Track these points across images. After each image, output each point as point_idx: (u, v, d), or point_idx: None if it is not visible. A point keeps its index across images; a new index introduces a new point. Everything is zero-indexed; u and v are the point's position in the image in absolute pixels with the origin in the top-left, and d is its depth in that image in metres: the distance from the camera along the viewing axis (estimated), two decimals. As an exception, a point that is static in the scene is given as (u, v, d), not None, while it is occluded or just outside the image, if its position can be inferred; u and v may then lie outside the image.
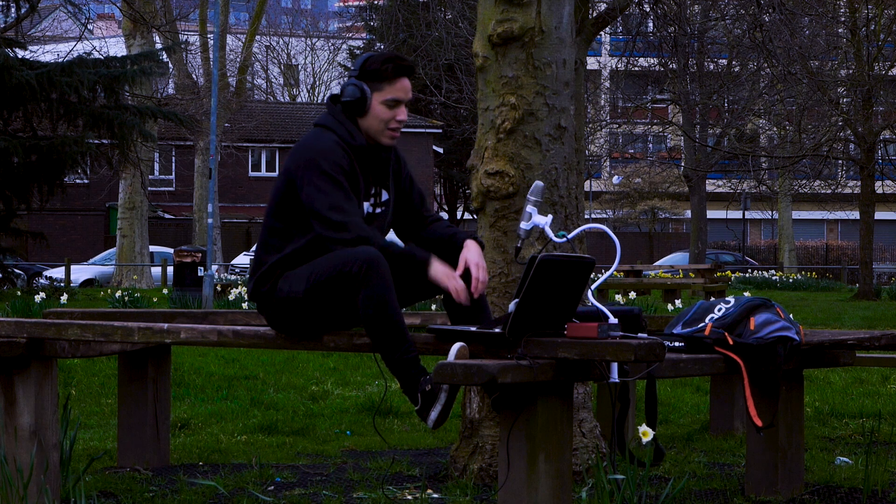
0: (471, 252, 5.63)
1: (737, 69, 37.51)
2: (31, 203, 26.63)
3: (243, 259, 46.07)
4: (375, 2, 56.30)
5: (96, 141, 27.00)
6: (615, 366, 5.40)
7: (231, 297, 22.27)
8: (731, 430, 8.72)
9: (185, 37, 41.92)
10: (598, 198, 64.97)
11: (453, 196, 63.54)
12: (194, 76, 43.70)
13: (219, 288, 25.36)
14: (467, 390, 7.00)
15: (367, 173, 5.72)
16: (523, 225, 5.79)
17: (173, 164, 55.20)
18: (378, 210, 5.76)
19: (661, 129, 45.09)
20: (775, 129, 42.52)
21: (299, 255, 5.64)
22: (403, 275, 5.56)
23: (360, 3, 62.29)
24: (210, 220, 27.23)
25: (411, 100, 5.75)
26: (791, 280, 41.96)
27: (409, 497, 6.53)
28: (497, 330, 5.37)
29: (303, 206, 5.56)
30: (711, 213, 50.15)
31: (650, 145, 61.15)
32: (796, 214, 57.06)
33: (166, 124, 33.21)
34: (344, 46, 62.56)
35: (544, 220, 5.78)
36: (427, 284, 5.72)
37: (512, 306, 5.28)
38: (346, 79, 6.22)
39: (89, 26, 33.23)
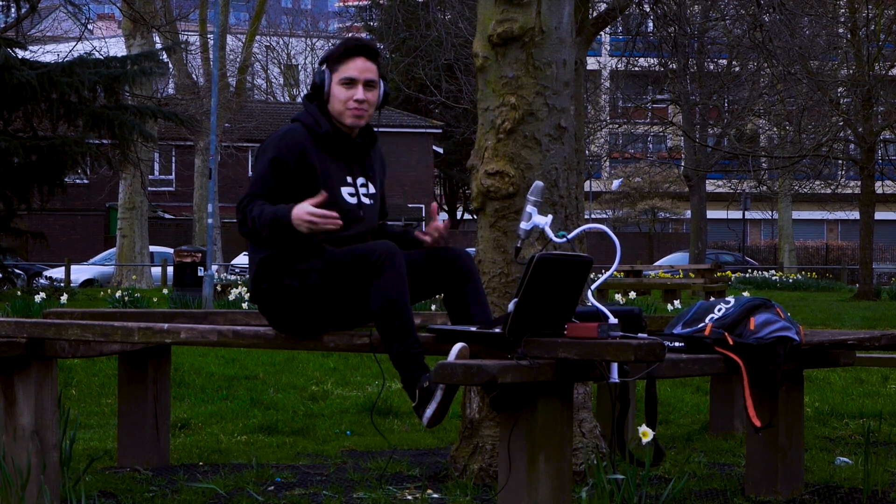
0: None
1: (737, 69, 37.47)
2: (32, 203, 26.59)
3: (243, 259, 46.09)
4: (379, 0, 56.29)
5: (96, 141, 26.98)
6: (615, 366, 5.40)
7: (231, 297, 22.26)
8: (731, 430, 8.72)
9: (185, 37, 41.89)
10: (598, 198, 64.95)
11: (453, 196, 63.54)
12: (194, 76, 43.70)
13: (219, 288, 25.35)
14: (467, 390, 7.00)
15: (347, 161, 5.80)
16: (523, 225, 5.79)
17: (173, 164, 55.18)
18: (367, 201, 5.82)
19: (661, 129, 45.07)
20: (775, 129, 42.51)
21: (287, 250, 5.65)
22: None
23: (360, 3, 62.32)
24: (210, 220, 27.21)
25: (371, 80, 5.81)
26: (791, 280, 41.96)
27: (409, 497, 6.53)
28: (497, 330, 5.37)
29: (279, 199, 5.62)
30: (711, 213, 50.13)
31: (650, 145, 61.11)
32: (796, 214, 57.04)
33: (166, 124, 33.19)
34: (344, 46, 62.44)
35: (544, 220, 5.78)
36: (428, 284, 5.74)
37: (511, 306, 5.28)
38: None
39: (89, 26, 33.21)
